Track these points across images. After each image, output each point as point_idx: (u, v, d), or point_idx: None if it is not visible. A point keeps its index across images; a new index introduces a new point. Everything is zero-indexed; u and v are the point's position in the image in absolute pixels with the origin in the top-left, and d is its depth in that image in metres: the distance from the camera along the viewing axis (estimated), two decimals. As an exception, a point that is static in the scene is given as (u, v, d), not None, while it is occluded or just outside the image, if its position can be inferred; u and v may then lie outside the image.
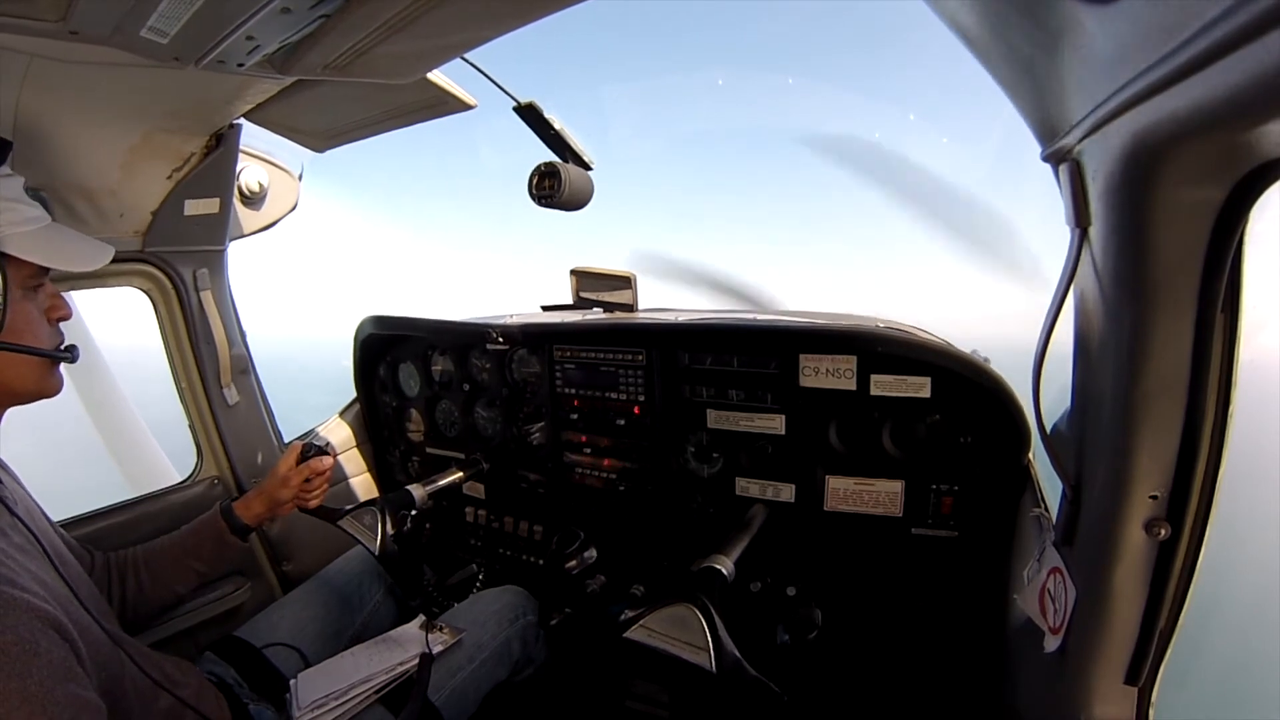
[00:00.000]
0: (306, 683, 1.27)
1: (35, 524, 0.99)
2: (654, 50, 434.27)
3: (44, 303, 0.98)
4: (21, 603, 0.76)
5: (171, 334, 1.72)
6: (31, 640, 0.74)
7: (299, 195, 1.87)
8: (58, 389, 1.00)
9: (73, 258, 0.99)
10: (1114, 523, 0.76)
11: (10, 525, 0.91)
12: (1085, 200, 0.71)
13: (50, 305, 0.99)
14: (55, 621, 0.79)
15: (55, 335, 0.99)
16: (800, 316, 1.62)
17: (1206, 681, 3.33)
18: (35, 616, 0.77)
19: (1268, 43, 0.38)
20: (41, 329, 0.96)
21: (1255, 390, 0.75)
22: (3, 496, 0.95)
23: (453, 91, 1.28)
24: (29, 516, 0.99)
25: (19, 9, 0.83)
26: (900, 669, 1.40)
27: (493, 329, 1.76)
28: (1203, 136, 0.52)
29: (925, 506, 1.33)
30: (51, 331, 0.99)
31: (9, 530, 0.90)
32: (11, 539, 0.89)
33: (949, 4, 0.74)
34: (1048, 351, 0.83)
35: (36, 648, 0.74)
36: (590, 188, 1.39)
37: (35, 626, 0.76)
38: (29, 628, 0.75)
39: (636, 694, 1.65)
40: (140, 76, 1.09)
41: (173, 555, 1.34)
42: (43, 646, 0.75)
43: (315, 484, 1.45)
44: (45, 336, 0.97)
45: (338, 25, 0.90)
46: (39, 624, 0.77)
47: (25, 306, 0.93)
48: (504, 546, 1.93)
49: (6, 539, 0.88)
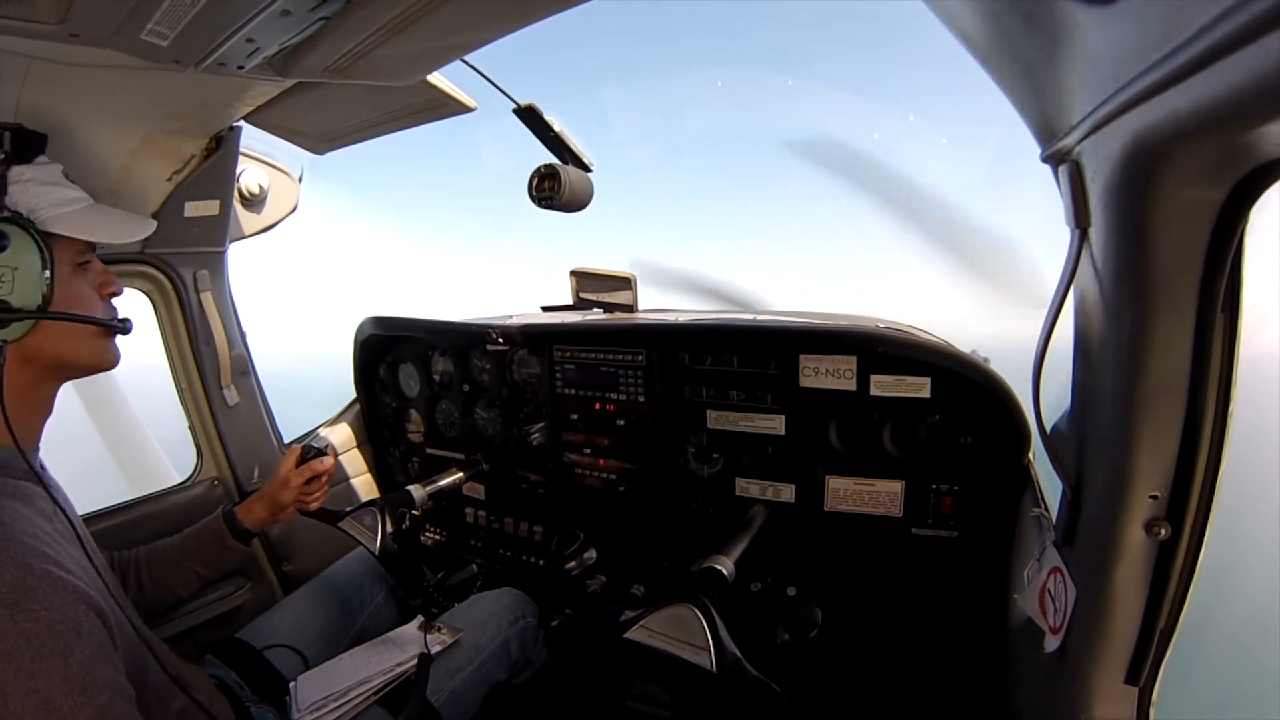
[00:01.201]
0: (306, 684, 1.27)
1: (72, 512, 1.00)
2: (654, 51, 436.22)
3: (95, 279, 1.03)
4: (68, 584, 0.78)
5: (171, 335, 1.72)
6: (75, 620, 0.76)
7: (299, 197, 1.87)
8: (115, 361, 1.05)
9: (116, 232, 1.05)
10: (1114, 523, 0.76)
11: (53, 512, 0.92)
12: (1085, 201, 0.72)
13: (101, 282, 1.04)
14: (97, 606, 0.81)
15: (108, 309, 1.04)
16: (800, 317, 1.62)
17: (1207, 681, 3.33)
18: (79, 598, 0.78)
19: (1268, 43, 0.39)
20: (95, 304, 1.00)
21: (1256, 390, 0.75)
22: (51, 487, 0.96)
23: (453, 93, 1.28)
24: (66, 504, 1.00)
25: (19, 11, 0.83)
26: (901, 669, 1.40)
27: (493, 330, 1.76)
28: (1203, 137, 0.52)
29: (925, 506, 1.33)
30: (105, 306, 1.03)
31: (52, 516, 0.91)
32: (55, 524, 0.90)
33: (949, 5, 0.74)
34: (1048, 351, 0.83)
35: (79, 628, 0.76)
36: (590, 189, 1.39)
37: (79, 608, 0.77)
38: (74, 608, 0.76)
39: (637, 694, 1.65)
40: (140, 79, 1.09)
41: (174, 558, 1.34)
42: (85, 628, 0.77)
43: (316, 486, 1.45)
44: (99, 311, 1.01)
45: (338, 28, 0.90)
46: (82, 606, 0.78)
47: (76, 282, 0.98)
48: (504, 547, 1.93)
49: (51, 524, 0.88)
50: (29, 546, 0.78)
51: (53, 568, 0.78)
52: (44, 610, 0.73)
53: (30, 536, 0.80)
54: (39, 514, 0.87)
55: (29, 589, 0.73)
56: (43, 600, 0.74)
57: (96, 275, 1.04)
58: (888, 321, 1.50)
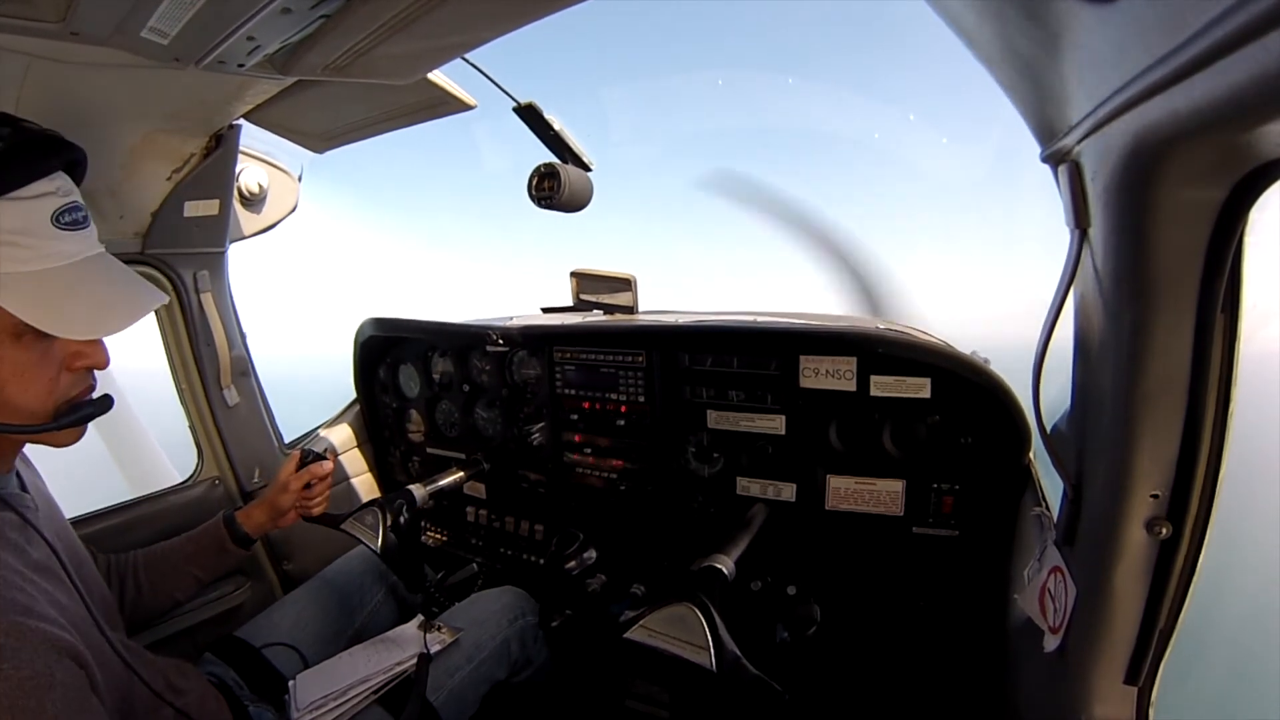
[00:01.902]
0: (305, 683, 1.27)
1: (56, 536, 0.94)
2: (654, 51, 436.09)
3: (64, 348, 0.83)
4: (38, 634, 0.73)
5: (171, 335, 1.71)
6: (47, 672, 0.71)
7: (299, 197, 1.87)
8: (67, 441, 0.88)
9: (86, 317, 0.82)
10: (1115, 522, 0.76)
11: (30, 541, 0.86)
12: (1085, 201, 0.71)
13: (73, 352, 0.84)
14: (72, 650, 0.77)
15: (75, 384, 0.86)
16: (800, 317, 1.62)
17: (1206, 681, 3.33)
18: (51, 647, 0.74)
19: (1268, 43, 0.38)
20: (35, 384, 0.80)
21: (1256, 389, 0.75)
22: (24, 508, 0.89)
23: (453, 92, 1.28)
24: (49, 526, 0.93)
25: (19, 10, 0.83)
26: (901, 668, 1.40)
27: (492, 331, 1.76)
28: (1203, 136, 0.52)
29: (926, 506, 1.33)
30: (70, 380, 0.85)
31: (28, 547, 0.85)
32: (30, 556, 0.84)
33: (949, 4, 0.74)
34: (1048, 351, 0.83)
35: (52, 679, 0.71)
36: (590, 189, 1.39)
37: (51, 658, 0.73)
38: (45, 660, 0.72)
39: (637, 694, 1.65)
40: (140, 77, 1.09)
41: (173, 561, 1.33)
42: (58, 678, 0.72)
43: (316, 490, 1.45)
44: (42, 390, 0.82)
45: (338, 26, 0.90)
46: (54, 654, 0.74)
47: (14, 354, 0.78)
48: (505, 546, 1.93)
49: (25, 557, 0.83)
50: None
51: (21, 618, 0.73)
52: (12, 669, 0.68)
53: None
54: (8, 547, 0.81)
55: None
56: (10, 658, 0.69)
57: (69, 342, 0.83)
58: (887, 322, 1.50)
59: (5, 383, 0.78)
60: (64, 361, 0.84)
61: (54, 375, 0.83)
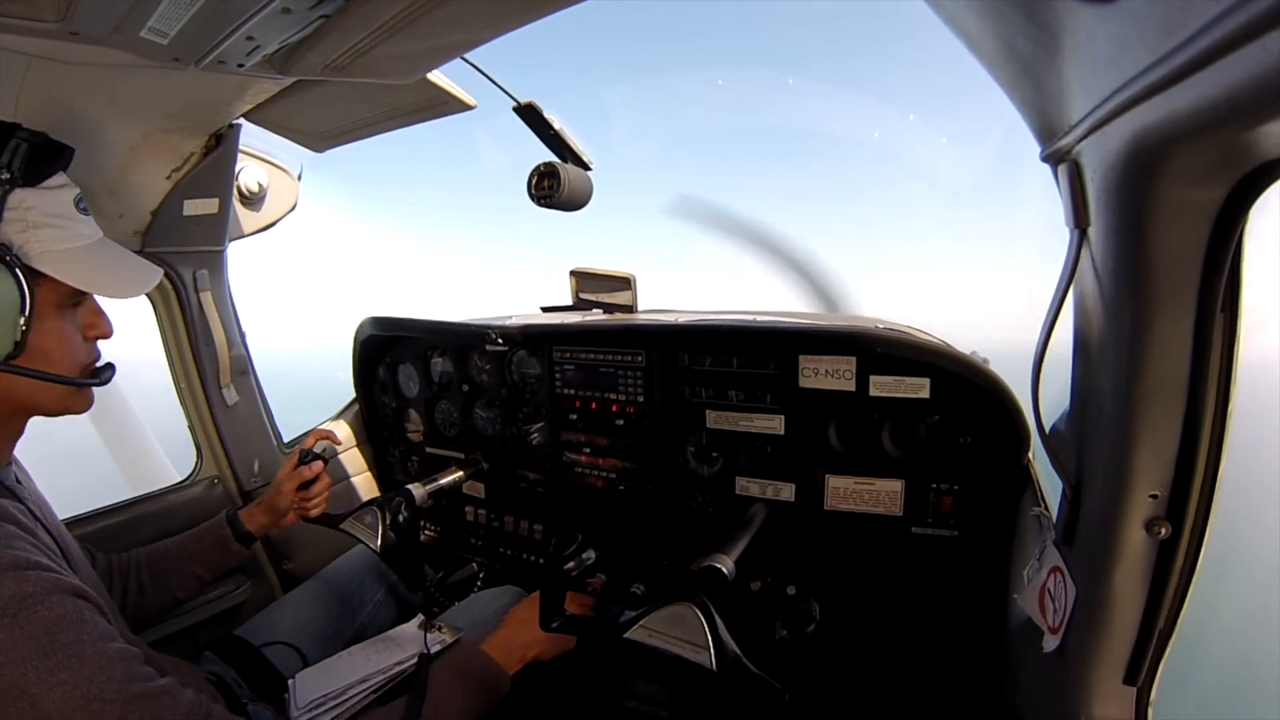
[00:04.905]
0: (305, 682, 1.27)
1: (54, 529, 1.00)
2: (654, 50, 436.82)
3: (82, 320, 0.95)
4: (63, 582, 0.80)
5: (171, 334, 1.71)
6: (75, 611, 0.79)
7: (298, 195, 1.87)
8: (86, 408, 0.98)
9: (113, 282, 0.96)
10: (1114, 522, 0.76)
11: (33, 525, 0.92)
12: (1084, 200, 0.72)
13: (88, 323, 0.96)
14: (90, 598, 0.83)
15: (92, 352, 0.97)
16: (799, 318, 1.62)
17: (1206, 681, 3.33)
18: (74, 592, 0.81)
19: (1268, 43, 0.38)
20: (76, 348, 0.93)
21: (1255, 390, 0.75)
22: (24, 497, 0.95)
23: (452, 92, 1.28)
24: (46, 520, 0.99)
25: (19, 9, 0.83)
26: (901, 668, 1.40)
27: (492, 330, 1.76)
28: (1202, 136, 0.52)
29: (925, 506, 1.33)
30: (89, 348, 0.97)
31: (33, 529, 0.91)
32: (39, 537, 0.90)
33: (949, 4, 0.74)
34: (1047, 351, 0.83)
35: (81, 615, 0.79)
36: (590, 188, 1.39)
37: (77, 600, 0.80)
38: (72, 601, 0.79)
39: (636, 694, 1.65)
40: (140, 77, 1.09)
41: (175, 560, 1.34)
42: (87, 615, 0.80)
43: (314, 490, 1.45)
44: (81, 355, 0.94)
45: (338, 26, 0.90)
46: (79, 598, 0.81)
47: (58, 325, 0.90)
48: (504, 545, 1.93)
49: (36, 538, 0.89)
50: (20, 558, 0.79)
51: (45, 572, 0.80)
52: (45, 610, 0.76)
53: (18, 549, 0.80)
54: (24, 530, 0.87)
55: (27, 595, 0.75)
56: (41, 601, 0.76)
57: (86, 314, 0.96)
58: (886, 322, 1.50)
59: (52, 350, 0.90)
60: (82, 332, 0.96)
61: (81, 343, 0.95)
